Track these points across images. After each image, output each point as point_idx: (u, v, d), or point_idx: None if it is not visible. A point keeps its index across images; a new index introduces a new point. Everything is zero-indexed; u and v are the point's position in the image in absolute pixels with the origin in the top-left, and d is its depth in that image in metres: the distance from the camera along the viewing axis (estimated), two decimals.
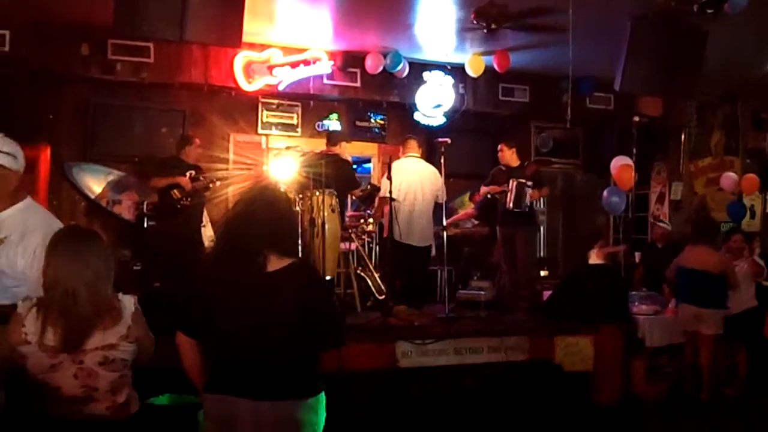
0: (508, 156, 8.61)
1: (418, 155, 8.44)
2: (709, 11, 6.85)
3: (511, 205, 8.28)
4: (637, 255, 11.07)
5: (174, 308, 3.43)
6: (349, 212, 9.73)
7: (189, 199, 8.10)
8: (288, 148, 8.29)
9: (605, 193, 10.18)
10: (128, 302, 3.26)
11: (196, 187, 8.16)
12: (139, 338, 3.25)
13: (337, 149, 8.12)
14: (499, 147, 8.71)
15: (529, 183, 8.22)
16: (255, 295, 3.22)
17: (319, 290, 3.47)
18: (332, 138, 8.29)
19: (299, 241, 3.67)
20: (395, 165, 8.11)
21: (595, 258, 10.30)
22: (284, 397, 3.24)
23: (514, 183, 8.26)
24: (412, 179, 8.17)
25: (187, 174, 8.14)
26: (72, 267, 3.10)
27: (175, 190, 8.01)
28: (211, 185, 8.41)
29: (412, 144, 8.50)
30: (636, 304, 8.01)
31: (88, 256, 3.15)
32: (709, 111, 11.81)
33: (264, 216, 3.28)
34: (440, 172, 8.07)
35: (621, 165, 10.09)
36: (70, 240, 3.20)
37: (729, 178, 11.12)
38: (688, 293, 7.94)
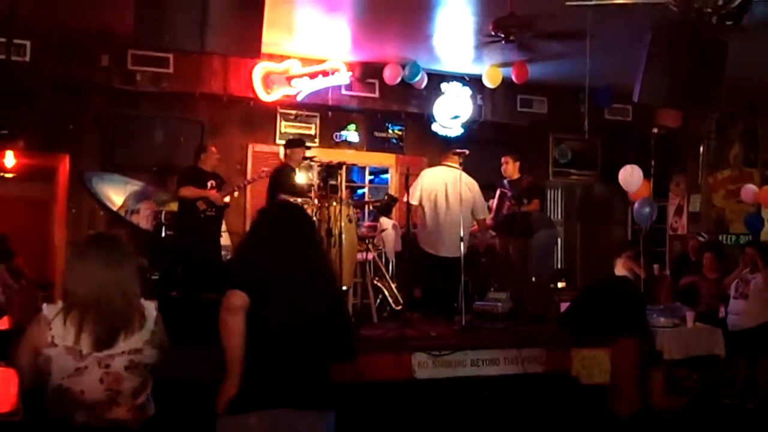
0: (512, 169, 8.61)
1: (456, 166, 8.31)
2: (728, 23, 6.79)
3: (492, 215, 8.53)
4: (656, 267, 11.02)
5: (237, 268, 3.59)
6: (366, 223, 9.73)
7: (214, 210, 8.13)
8: (306, 158, 8.30)
9: (637, 204, 10.14)
10: (150, 307, 3.30)
11: (222, 197, 8.19)
12: (162, 342, 3.29)
13: (285, 158, 8.44)
14: (504, 159, 8.68)
15: (509, 194, 8.22)
16: (302, 298, 3.38)
17: (339, 299, 3.78)
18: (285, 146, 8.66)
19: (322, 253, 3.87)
20: (423, 172, 8.20)
21: (620, 268, 10.26)
22: (324, 406, 3.43)
23: (498, 193, 8.42)
24: (435, 186, 8.18)
25: (209, 184, 8.17)
26: (105, 271, 3.15)
27: (200, 202, 8.02)
28: (231, 194, 8.45)
29: (451, 154, 8.47)
30: (654, 316, 7.95)
31: (118, 260, 3.21)
32: (728, 123, 11.74)
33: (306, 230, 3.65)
34: None
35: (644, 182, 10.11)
36: (100, 246, 3.25)
37: (749, 189, 11.05)
38: None
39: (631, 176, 9.97)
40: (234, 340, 3.29)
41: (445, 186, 8.22)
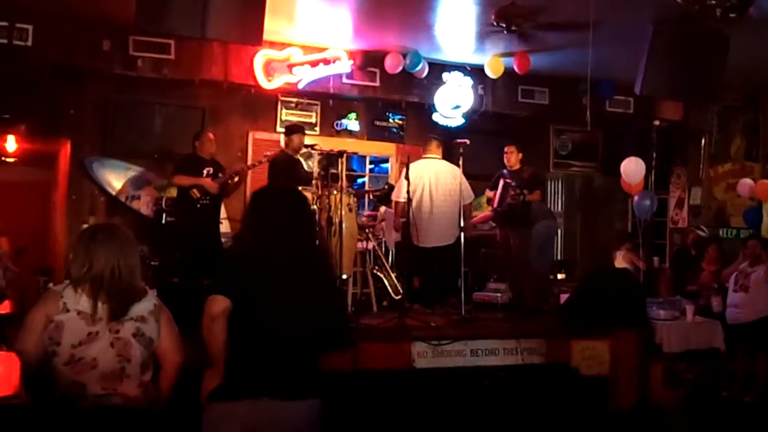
0: (514, 159, 8.58)
1: (438, 156, 8.40)
2: (732, 15, 6.77)
3: (495, 204, 8.47)
4: (656, 260, 11.02)
5: (222, 270, 3.55)
6: (366, 212, 9.72)
7: (208, 199, 8.10)
8: (307, 146, 8.29)
9: (637, 197, 10.13)
10: (151, 292, 3.52)
11: (218, 183, 8.16)
12: (165, 322, 3.46)
13: (283, 145, 8.53)
14: (508, 149, 8.64)
15: (513, 183, 8.19)
16: (290, 290, 3.35)
17: (335, 289, 3.68)
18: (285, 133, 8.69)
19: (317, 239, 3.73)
20: (410, 167, 8.18)
21: (621, 260, 10.25)
22: (310, 396, 3.36)
23: (502, 183, 8.35)
24: (422, 180, 8.15)
25: (205, 171, 8.14)
26: (115, 250, 3.34)
27: (195, 190, 7.99)
28: (230, 182, 8.41)
29: (431, 145, 8.47)
30: (654, 309, 7.96)
31: (125, 243, 3.42)
32: (730, 116, 11.72)
33: (298, 217, 3.53)
34: None
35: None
36: (109, 231, 3.47)
37: (745, 184, 11.03)
38: None
39: (635, 168, 9.94)
40: (215, 342, 3.34)
41: (428, 179, 8.18)
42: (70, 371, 3.17)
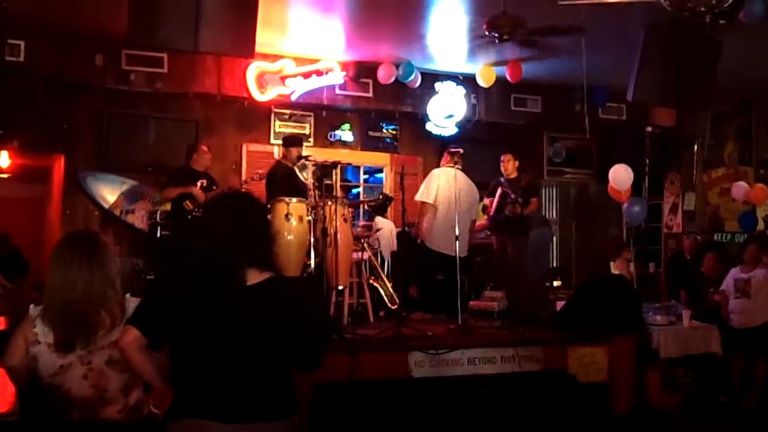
0: (511, 167, 8.57)
1: (460, 168, 8.39)
2: (722, 21, 6.79)
3: (492, 212, 8.49)
4: (651, 265, 11.02)
5: (147, 301, 3.18)
6: (361, 222, 9.72)
7: (200, 211, 8.06)
8: (301, 157, 8.29)
9: (627, 204, 10.13)
10: (133, 304, 3.27)
11: (208, 197, 8.14)
12: None
13: (281, 157, 8.62)
14: (505, 157, 8.64)
15: (512, 196, 8.19)
16: (232, 310, 3.01)
17: (298, 308, 3.19)
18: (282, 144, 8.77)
19: (275, 252, 3.24)
20: (435, 172, 8.29)
21: (615, 269, 10.23)
22: (265, 419, 3.02)
23: (499, 192, 8.35)
24: (450, 187, 8.19)
25: (198, 183, 8.13)
26: (75, 272, 3.21)
27: (187, 201, 7.97)
28: None
29: (456, 156, 8.46)
30: (650, 314, 7.96)
31: (88, 260, 3.25)
32: (723, 121, 11.75)
33: (241, 226, 3.11)
34: None
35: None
36: (71, 247, 3.31)
37: (740, 187, 11.03)
38: None
39: (625, 175, 9.92)
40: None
41: (456, 188, 8.22)
42: (51, 398, 3.15)
